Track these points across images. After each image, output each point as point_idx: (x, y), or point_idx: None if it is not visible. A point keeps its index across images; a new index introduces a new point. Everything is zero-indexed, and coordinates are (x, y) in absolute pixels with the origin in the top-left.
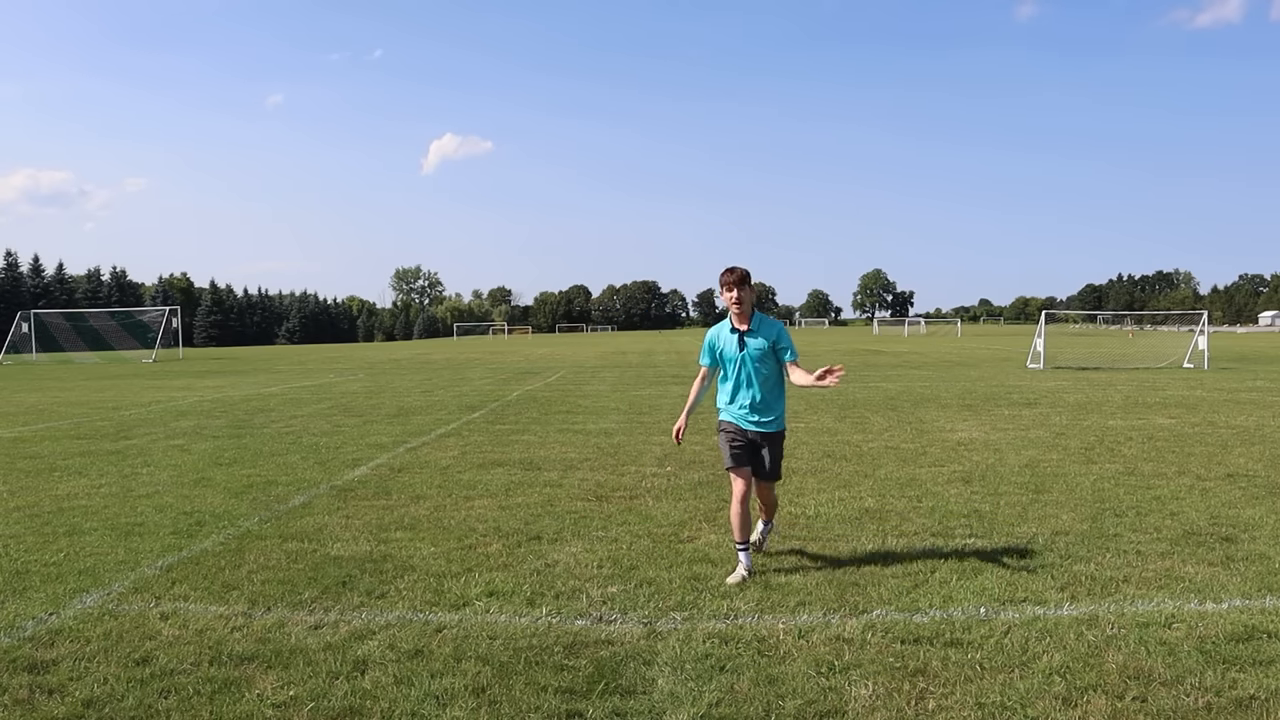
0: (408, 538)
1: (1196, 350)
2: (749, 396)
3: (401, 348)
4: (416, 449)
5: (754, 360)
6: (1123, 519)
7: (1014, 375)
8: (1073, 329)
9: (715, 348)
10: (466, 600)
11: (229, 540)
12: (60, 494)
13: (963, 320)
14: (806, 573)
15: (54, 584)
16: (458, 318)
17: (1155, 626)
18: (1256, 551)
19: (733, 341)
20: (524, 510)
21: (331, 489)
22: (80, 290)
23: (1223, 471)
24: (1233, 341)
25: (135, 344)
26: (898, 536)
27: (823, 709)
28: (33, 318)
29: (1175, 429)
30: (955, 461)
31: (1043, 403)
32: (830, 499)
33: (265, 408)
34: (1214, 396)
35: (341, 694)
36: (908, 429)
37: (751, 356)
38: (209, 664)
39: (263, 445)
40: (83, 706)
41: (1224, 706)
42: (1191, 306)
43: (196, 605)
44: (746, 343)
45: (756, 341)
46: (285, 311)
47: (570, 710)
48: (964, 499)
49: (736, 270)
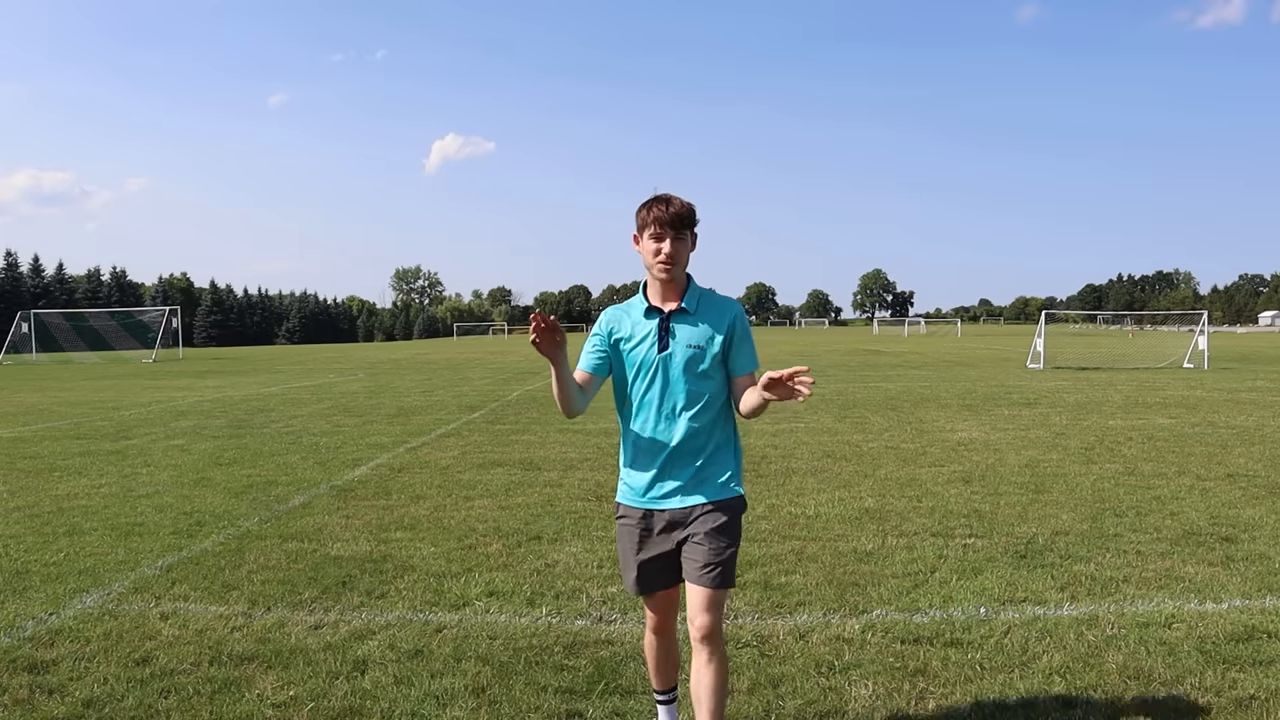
0: (408, 538)
1: (1196, 350)
2: (669, 436)
3: (401, 348)
4: (416, 449)
5: (684, 370)
6: (1123, 519)
7: (1014, 375)
8: (1073, 329)
9: (610, 341)
10: (466, 600)
11: (229, 540)
12: (60, 494)
13: (963, 320)
14: (806, 573)
15: (54, 584)
16: (458, 318)
17: (1155, 626)
18: (1256, 551)
19: (647, 333)
20: (524, 510)
21: (331, 489)
22: (80, 290)
23: (1223, 471)
24: (1233, 341)
25: (135, 344)
26: (898, 536)
27: (823, 709)
28: (33, 318)
29: (1175, 429)
30: (955, 461)
31: (1043, 403)
32: (830, 499)
33: (265, 408)
34: (1214, 396)
35: (341, 694)
36: (908, 429)
37: (681, 363)
38: (209, 664)
39: (263, 445)
40: (83, 706)
41: (1224, 706)
42: (1191, 306)
43: (196, 605)
44: (675, 335)
45: (693, 332)
46: (285, 311)
47: (570, 710)
48: (964, 499)
49: (674, 201)
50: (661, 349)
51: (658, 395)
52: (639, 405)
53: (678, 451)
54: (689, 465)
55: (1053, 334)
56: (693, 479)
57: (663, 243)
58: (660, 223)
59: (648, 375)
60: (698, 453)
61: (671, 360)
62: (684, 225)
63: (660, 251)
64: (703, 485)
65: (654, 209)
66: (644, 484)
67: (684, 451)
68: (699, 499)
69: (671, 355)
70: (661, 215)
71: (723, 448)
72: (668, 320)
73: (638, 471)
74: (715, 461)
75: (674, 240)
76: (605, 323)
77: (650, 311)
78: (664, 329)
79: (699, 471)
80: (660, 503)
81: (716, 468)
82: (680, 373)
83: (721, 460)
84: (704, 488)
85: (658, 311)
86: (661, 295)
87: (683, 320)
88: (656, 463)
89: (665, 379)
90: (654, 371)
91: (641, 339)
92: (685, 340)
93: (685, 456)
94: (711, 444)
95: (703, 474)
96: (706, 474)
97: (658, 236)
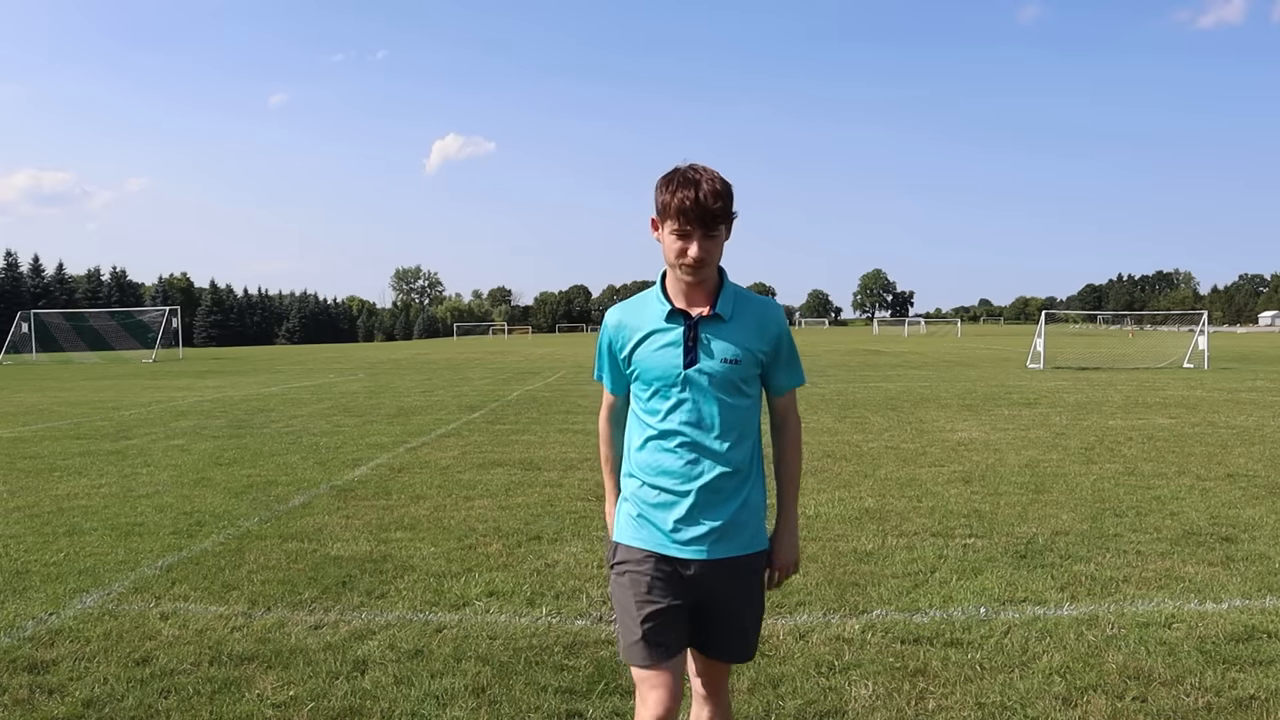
0: (408, 538)
1: (1196, 350)
2: (696, 471)
3: (401, 348)
4: (416, 449)
5: (719, 390)
6: (1123, 519)
7: (1014, 375)
8: (1073, 329)
9: (623, 351)
10: (466, 600)
11: (229, 540)
12: (60, 494)
13: (963, 320)
14: (806, 573)
15: (54, 584)
16: (458, 318)
17: (1155, 626)
18: (1256, 551)
19: (670, 343)
20: (524, 510)
21: (331, 489)
22: (80, 290)
23: (1223, 471)
24: (1233, 341)
25: (135, 344)
26: (898, 536)
27: (823, 709)
28: (33, 318)
29: (1175, 429)
30: (955, 461)
31: (1043, 403)
32: (830, 499)
33: (265, 408)
34: (1214, 396)
35: (341, 694)
36: (908, 429)
37: (715, 382)
38: (209, 664)
39: (263, 445)
40: (83, 706)
41: (1224, 706)
42: (1191, 306)
43: (196, 605)
44: (707, 347)
45: (729, 344)
46: (285, 311)
47: (570, 710)
48: (964, 499)
49: (704, 184)
50: (689, 363)
51: (683, 420)
52: (658, 430)
53: (707, 490)
54: (719, 507)
55: (1053, 334)
56: (722, 525)
57: (689, 241)
58: (686, 216)
59: (670, 395)
60: (730, 493)
61: (702, 378)
62: (716, 220)
63: (685, 252)
64: (733, 533)
65: (678, 194)
66: (660, 524)
67: (713, 489)
68: (730, 550)
69: (703, 372)
70: (688, 206)
71: (756, 485)
72: (696, 328)
73: (652, 509)
74: (748, 504)
75: (704, 239)
76: (614, 327)
77: (674, 316)
78: (692, 339)
79: (731, 515)
80: (681, 549)
81: (749, 511)
82: (713, 393)
83: (754, 501)
84: (736, 536)
85: (683, 316)
86: (687, 297)
87: (716, 328)
88: (678, 502)
89: (694, 400)
90: (679, 391)
91: (662, 349)
92: (720, 354)
93: (714, 495)
94: (745, 482)
95: (736, 518)
96: (739, 519)
97: (683, 234)
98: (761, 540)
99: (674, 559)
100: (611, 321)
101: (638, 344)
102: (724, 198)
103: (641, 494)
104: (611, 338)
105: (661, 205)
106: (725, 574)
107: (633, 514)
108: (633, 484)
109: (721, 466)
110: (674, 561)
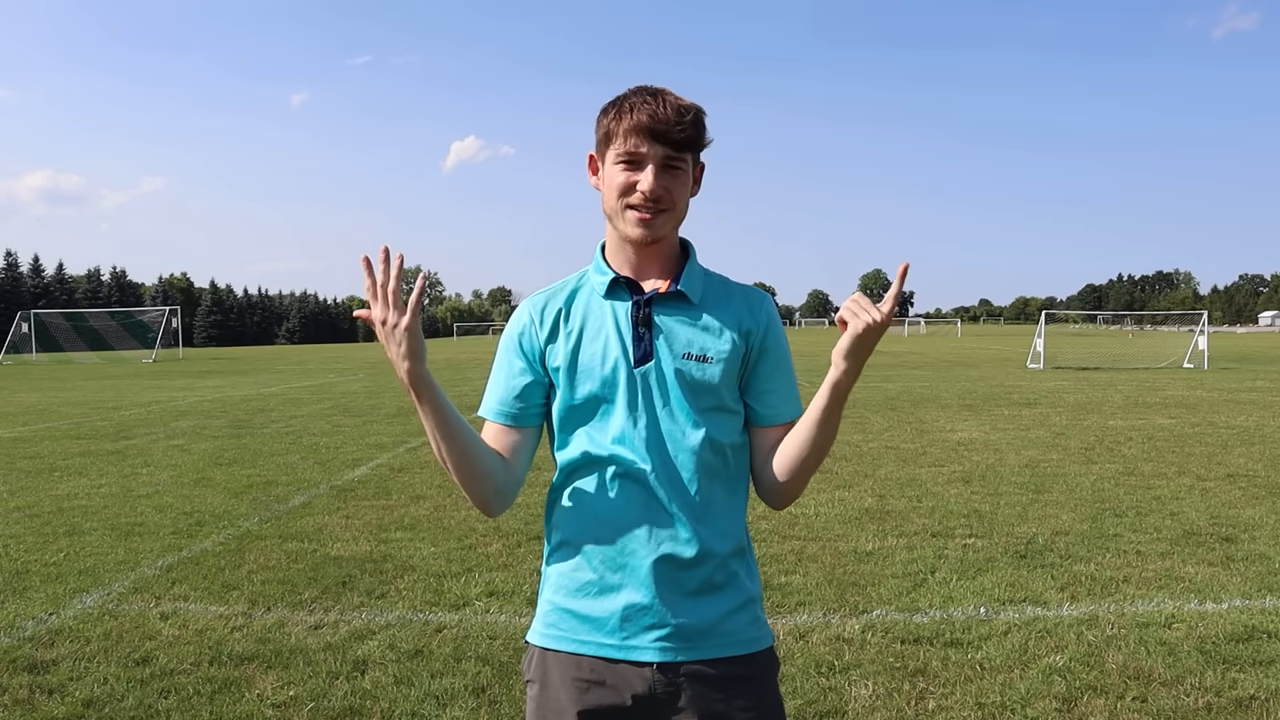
0: (408, 538)
1: (1196, 350)
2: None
3: None
4: (417, 449)
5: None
6: (1123, 519)
7: (1014, 375)
8: (1073, 329)
9: (540, 356)
10: (466, 600)
11: (229, 540)
12: (60, 494)
13: (962, 320)
14: (806, 573)
15: (54, 584)
16: (458, 318)
17: (1155, 626)
18: (1256, 551)
19: (606, 330)
20: (524, 510)
21: (331, 489)
22: (80, 290)
23: (1223, 471)
24: (1233, 341)
25: (135, 344)
26: (898, 536)
27: (823, 709)
28: (33, 318)
29: (1175, 429)
30: (955, 461)
31: (1043, 403)
32: (830, 499)
33: (265, 408)
34: (1214, 396)
35: (341, 694)
36: (908, 429)
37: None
38: (209, 664)
39: (263, 445)
40: (83, 706)
41: (1224, 706)
42: (1191, 307)
43: (196, 605)
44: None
45: (694, 333)
46: (285, 311)
47: None
48: (964, 499)
49: (668, 99)
50: (639, 360)
51: (632, 446)
52: (594, 463)
53: (668, 561)
54: (687, 583)
55: (1053, 334)
56: (695, 610)
57: (639, 171)
58: (640, 134)
59: (612, 409)
60: (701, 560)
61: (656, 380)
62: (682, 145)
63: (634, 186)
64: (713, 623)
65: (633, 110)
66: (602, 613)
67: (677, 560)
68: (706, 651)
69: (658, 372)
70: (643, 122)
71: (740, 550)
72: (648, 308)
73: (588, 591)
74: (731, 580)
75: (662, 168)
76: (526, 319)
77: (616, 288)
78: (641, 322)
79: (705, 596)
80: (631, 649)
81: (733, 590)
82: (674, 404)
83: (743, 573)
84: (716, 628)
85: (626, 290)
86: (635, 265)
87: (675, 310)
88: (628, 578)
89: (648, 416)
90: (623, 401)
91: (594, 340)
92: (682, 345)
93: (680, 567)
94: (725, 541)
95: (712, 601)
96: (718, 601)
97: (633, 160)
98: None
99: (618, 663)
100: (525, 313)
101: (563, 340)
102: (693, 117)
103: (573, 569)
104: (525, 334)
105: (604, 130)
106: (702, 686)
107: (564, 605)
108: (560, 555)
109: (679, 528)
110: (618, 668)
